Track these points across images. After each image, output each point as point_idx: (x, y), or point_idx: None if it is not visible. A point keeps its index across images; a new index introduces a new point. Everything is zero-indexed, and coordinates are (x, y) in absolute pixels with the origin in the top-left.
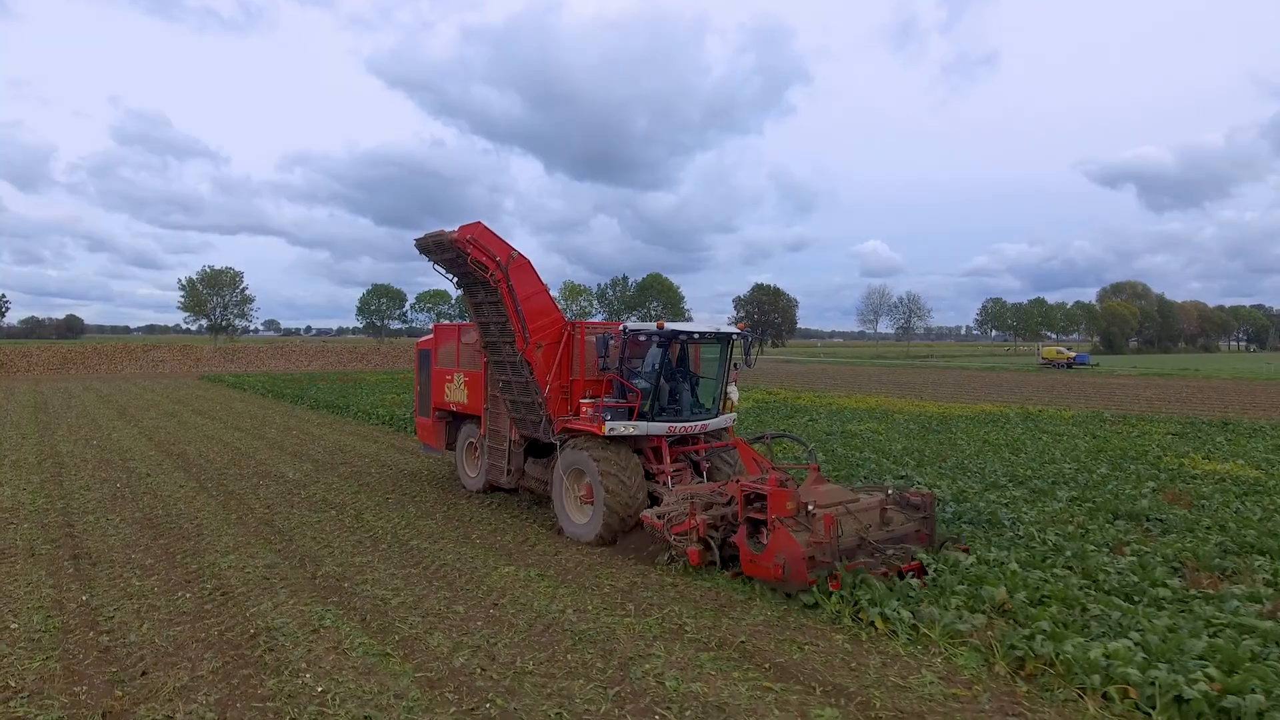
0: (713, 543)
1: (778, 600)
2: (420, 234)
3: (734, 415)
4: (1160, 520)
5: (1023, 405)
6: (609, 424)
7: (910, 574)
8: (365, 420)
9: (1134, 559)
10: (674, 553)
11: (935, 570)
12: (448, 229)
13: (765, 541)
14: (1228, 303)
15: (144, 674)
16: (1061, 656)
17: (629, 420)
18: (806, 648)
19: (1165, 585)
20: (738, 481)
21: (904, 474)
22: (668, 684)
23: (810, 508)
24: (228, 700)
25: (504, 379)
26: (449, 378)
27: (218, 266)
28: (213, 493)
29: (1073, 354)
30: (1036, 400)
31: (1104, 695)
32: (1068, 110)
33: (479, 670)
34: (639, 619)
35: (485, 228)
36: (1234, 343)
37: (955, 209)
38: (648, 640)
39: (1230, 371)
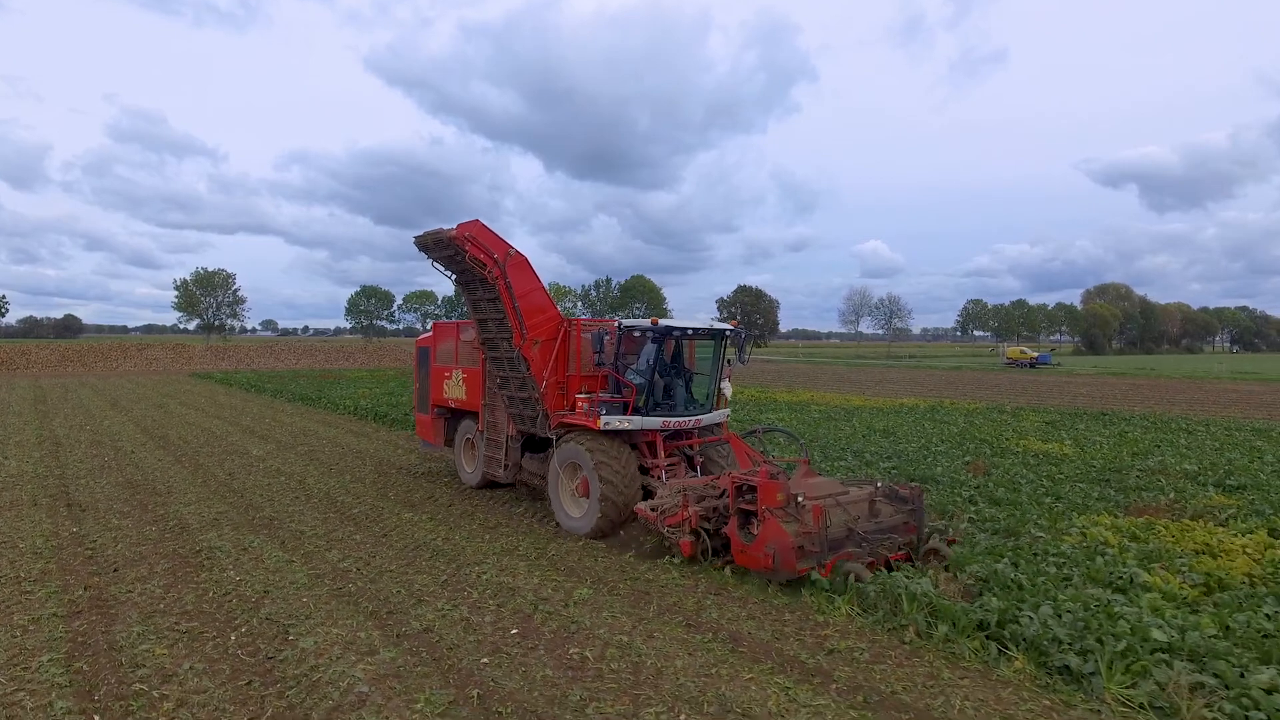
0: (705, 534)
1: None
2: (419, 232)
3: (728, 411)
4: (939, 481)
5: (939, 399)
6: (604, 418)
7: (899, 563)
8: (333, 410)
9: None
10: (668, 543)
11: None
12: (446, 227)
13: (756, 532)
14: (1230, 304)
15: (115, 570)
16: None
17: (624, 415)
18: (601, 559)
19: None
20: (729, 474)
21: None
22: (484, 577)
23: (800, 499)
24: (172, 584)
25: (501, 375)
26: (448, 375)
27: (211, 268)
28: (185, 464)
29: (1035, 354)
30: (981, 397)
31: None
32: (1071, 108)
33: (354, 570)
34: (489, 543)
35: (483, 226)
36: (1225, 344)
37: (956, 209)
38: (486, 555)
39: (1184, 372)
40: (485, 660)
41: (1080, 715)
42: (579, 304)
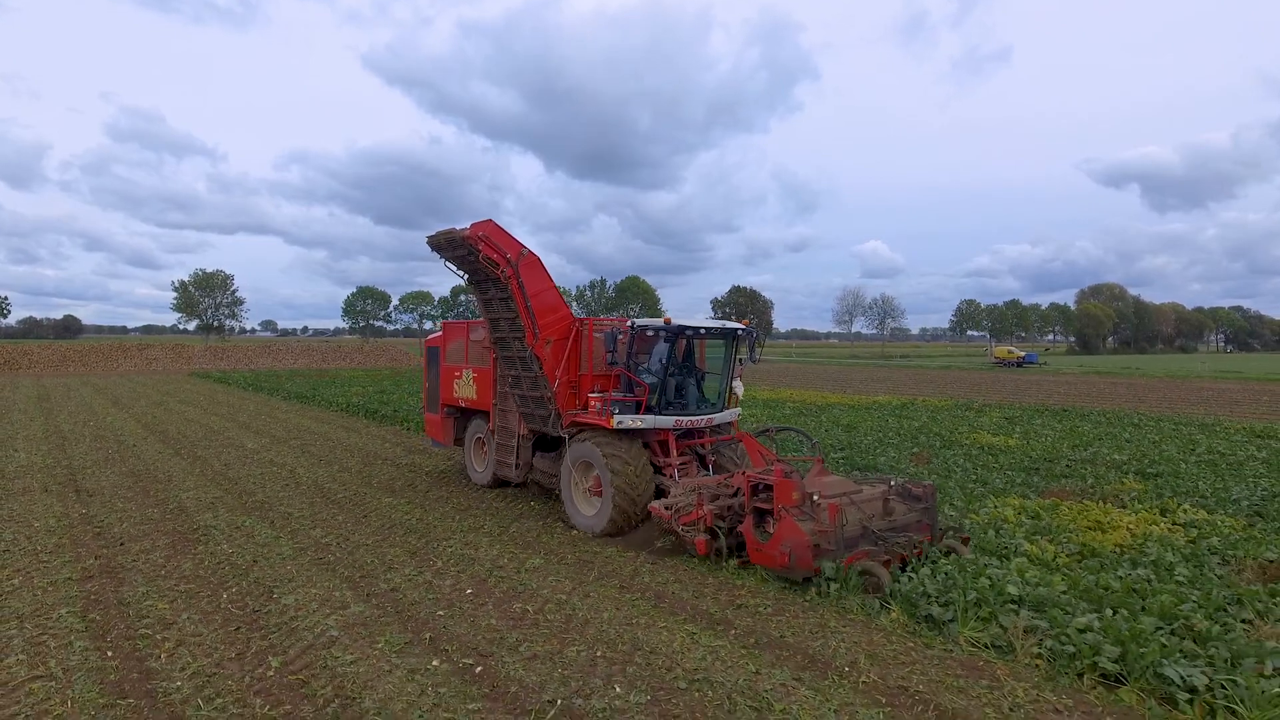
0: (719, 532)
1: (555, 520)
2: (426, 233)
3: (739, 410)
4: (879, 469)
5: (913, 397)
6: (617, 417)
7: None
8: (326, 408)
9: None
10: (683, 542)
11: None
12: (459, 227)
13: (771, 530)
14: (1230, 305)
15: (122, 544)
16: None
17: (636, 414)
18: (557, 536)
19: None
20: (744, 473)
21: None
22: (450, 550)
23: (815, 497)
24: (172, 555)
25: (513, 374)
26: (458, 374)
27: (210, 269)
28: (184, 457)
29: (1022, 354)
30: (958, 395)
31: None
32: (1072, 108)
33: (334, 544)
34: (458, 522)
35: (496, 225)
36: (1220, 343)
37: (957, 209)
38: (454, 532)
39: (1168, 371)
40: (441, 613)
41: (935, 654)
42: (573, 304)
